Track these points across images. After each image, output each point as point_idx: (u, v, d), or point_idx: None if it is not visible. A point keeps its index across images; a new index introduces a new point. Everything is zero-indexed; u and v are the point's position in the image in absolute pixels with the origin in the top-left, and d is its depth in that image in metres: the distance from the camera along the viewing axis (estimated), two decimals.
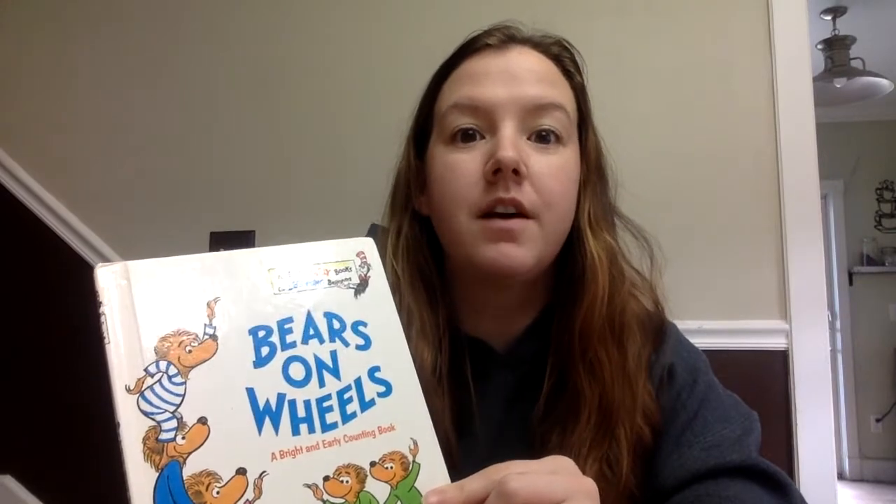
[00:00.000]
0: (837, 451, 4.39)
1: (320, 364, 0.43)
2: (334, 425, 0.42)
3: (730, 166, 1.54)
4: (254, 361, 0.41)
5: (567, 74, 0.66)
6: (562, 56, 0.67)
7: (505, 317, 0.67)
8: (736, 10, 1.57)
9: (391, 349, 0.46)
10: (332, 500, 0.40)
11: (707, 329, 1.47)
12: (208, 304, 0.41)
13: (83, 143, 1.90)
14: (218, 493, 0.38)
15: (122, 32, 1.92)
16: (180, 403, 0.39)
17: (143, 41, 1.91)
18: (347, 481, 0.41)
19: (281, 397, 0.41)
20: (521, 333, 0.66)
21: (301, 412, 0.41)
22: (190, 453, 0.38)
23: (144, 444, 0.37)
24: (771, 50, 1.54)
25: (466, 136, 0.61)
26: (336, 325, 0.45)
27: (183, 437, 0.38)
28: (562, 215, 0.62)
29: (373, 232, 0.70)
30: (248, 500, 0.38)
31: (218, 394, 0.40)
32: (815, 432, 1.44)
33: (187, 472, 0.38)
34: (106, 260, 1.67)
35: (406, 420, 0.44)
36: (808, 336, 1.46)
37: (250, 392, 0.40)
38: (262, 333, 0.42)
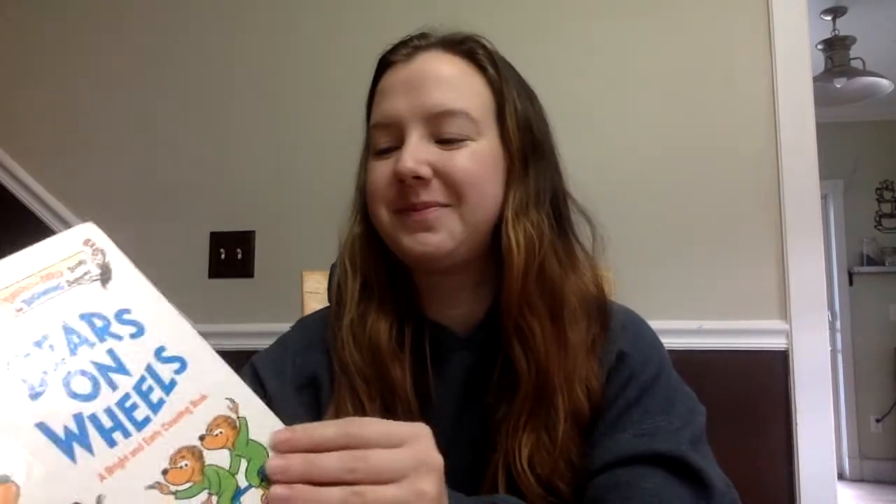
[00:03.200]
0: (837, 451, 4.39)
1: (103, 368, 0.40)
2: (146, 420, 0.40)
3: (730, 166, 1.54)
4: (29, 395, 0.37)
5: (480, 69, 0.68)
6: (474, 52, 0.69)
7: (462, 303, 0.70)
8: (736, 10, 1.57)
9: (166, 324, 0.43)
10: (179, 488, 0.39)
11: (707, 329, 1.47)
12: None
13: (83, 143, 1.90)
14: None
15: (122, 33, 1.92)
16: None
17: (144, 42, 1.91)
18: (187, 464, 0.40)
19: (78, 417, 0.38)
20: (480, 319, 0.70)
21: (107, 422, 0.39)
22: None
23: None
24: (771, 50, 1.54)
25: (384, 151, 0.67)
26: (98, 323, 0.41)
27: None
28: (477, 202, 0.65)
29: (335, 268, 0.75)
30: None
31: (8, 445, 0.36)
32: (815, 432, 1.44)
33: None
34: None
35: (214, 384, 0.43)
36: (808, 336, 1.46)
37: (42, 427, 0.37)
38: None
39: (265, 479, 0.41)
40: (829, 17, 3.20)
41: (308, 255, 1.40)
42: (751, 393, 1.46)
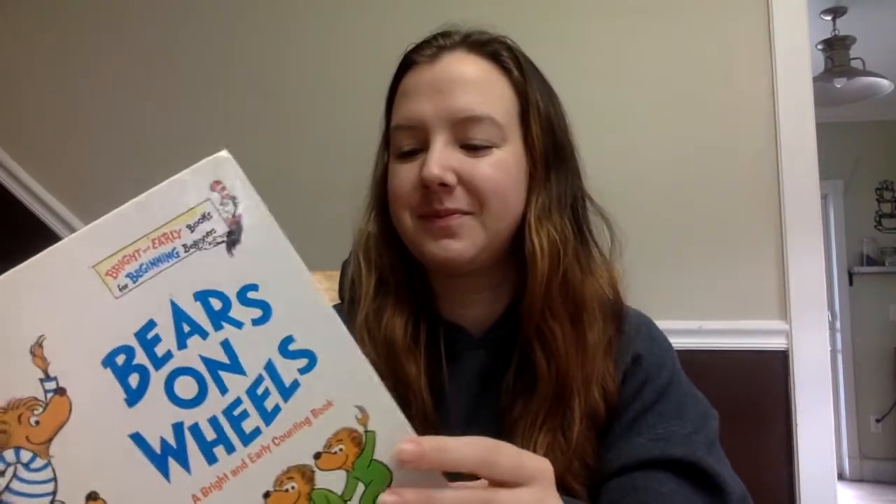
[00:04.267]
0: (837, 451, 4.38)
1: (213, 366, 0.33)
2: (256, 432, 0.34)
3: (730, 166, 1.54)
4: (125, 399, 0.32)
5: (505, 72, 0.67)
6: (498, 53, 0.68)
7: (478, 303, 0.70)
8: (736, 10, 1.57)
9: (301, 307, 0.35)
10: None
11: (707, 329, 1.47)
12: (32, 351, 0.31)
13: (84, 143, 1.90)
14: None
15: (123, 32, 1.92)
16: (55, 490, 0.31)
17: (145, 41, 1.91)
18: (293, 487, 0.34)
19: (178, 428, 0.33)
20: (496, 319, 0.70)
21: (210, 435, 0.33)
22: None
23: None
24: (771, 50, 1.54)
25: (408, 154, 0.66)
26: (216, 304, 0.33)
27: None
28: (500, 211, 0.64)
29: (363, 239, 0.74)
30: None
31: (97, 458, 0.32)
32: (815, 432, 1.44)
33: None
34: None
35: (344, 388, 0.35)
36: (808, 336, 1.46)
37: (136, 438, 0.32)
38: (121, 359, 0.32)
39: None
40: (829, 17, 3.20)
41: (308, 254, 1.40)
42: (751, 393, 1.46)
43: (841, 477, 4.56)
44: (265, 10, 1.84)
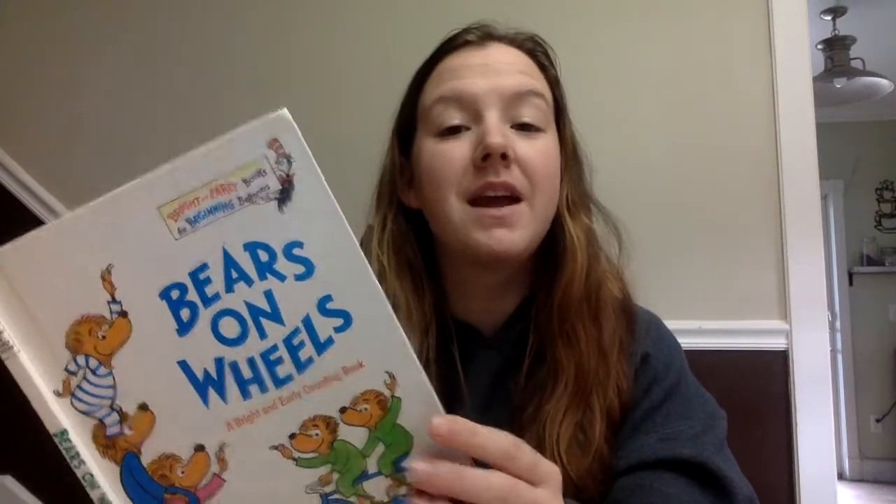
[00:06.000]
0: (837, 451, 4.39)
1: (255, 312, 0.36)
2: (288, 378, 0.36)
3: (730, 166, 1.54)
4: (176, 330, 0.36)
5: (542, 68, 0.69)
6: (535, 51, 0.70)
7: (492, 300, 0.69)
8: (736, 10, 1.57)
9: (342, 269, 0.36)
10: (302, 456, 0.37)
11: (707, 329, 1.47)
12: (102, 277, 0.35)
13: (84, 143, 1.90)
14: (182, 472, 0.36)
15: (123, 33, 1.92)
16: (114, 395, 0.36)
17: (145, 42, 1.91)
18: (317, 434, 0.37)
19: (219, 362, 0.36)
20: (507, 317, 0.69)
21: (247, 373, 0.36)
22: (142, 442, 0.36)
23: (96, 443, 0.36)
24: (771, 50, 1.54)
25: (453, 129, 0.63)
26: (263, 256, 0.36)
27: (130, 428, 0.36)
28: (549, 197, 0.64)
29: (369, 233, 0.72)
30: (214, 473, 0.37)
31: (149, 375, 0.36)
32: (815, 432, 1.44)
33: (146, 459, 0.36)
34: None
35: (376, 352, 0.37)
36: (808, 336, 1.46)
37: (183, 365, 0.36)
38: (175, 294, 0.36)
39: (399, 472, 0.38)
40: (829, 17, 3.20)
41: None
42: (751, 393, 1.46)
43: (841, 477, 4.56)
44: (267, 10, 1.84)
